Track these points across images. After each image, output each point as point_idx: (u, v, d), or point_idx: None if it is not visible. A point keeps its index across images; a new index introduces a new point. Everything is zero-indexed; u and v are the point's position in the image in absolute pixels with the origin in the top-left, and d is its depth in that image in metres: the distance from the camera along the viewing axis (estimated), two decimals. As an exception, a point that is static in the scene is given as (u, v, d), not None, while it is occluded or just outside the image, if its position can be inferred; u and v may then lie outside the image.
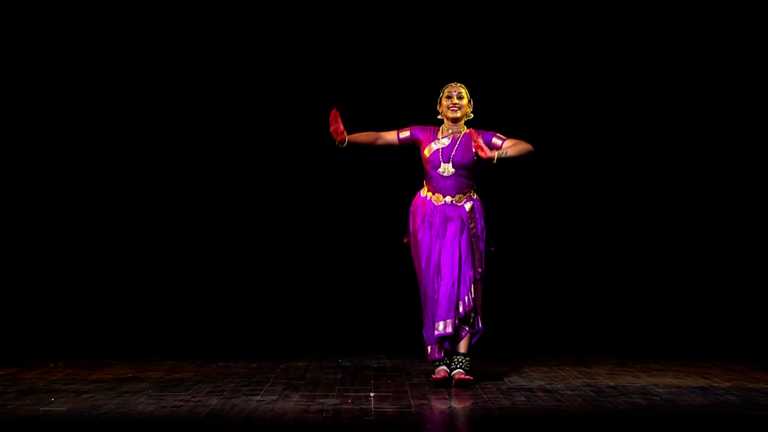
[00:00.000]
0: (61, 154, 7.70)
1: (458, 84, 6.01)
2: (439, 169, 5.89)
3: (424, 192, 5.98)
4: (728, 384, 5.88)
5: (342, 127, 5.88)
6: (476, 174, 5.95)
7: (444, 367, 5.85)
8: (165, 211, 7.75)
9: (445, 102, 5.98)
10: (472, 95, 5.95)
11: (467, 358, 5.86)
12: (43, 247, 7.69)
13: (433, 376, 5.85)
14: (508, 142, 5.90)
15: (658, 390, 5.66)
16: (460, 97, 5.96)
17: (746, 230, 7.79)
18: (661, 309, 7.78)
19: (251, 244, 7.77)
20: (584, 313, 7.77)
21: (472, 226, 5.88)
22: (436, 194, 5.91)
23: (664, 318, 7.77)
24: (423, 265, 5.89)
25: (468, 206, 5.91)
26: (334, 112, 5.87)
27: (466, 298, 5.81)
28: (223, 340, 7.66)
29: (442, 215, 5.88)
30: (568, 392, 5.59)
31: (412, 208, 6.01)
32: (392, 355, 7.24)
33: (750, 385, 5.83)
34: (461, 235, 5.85)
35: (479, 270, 5.88)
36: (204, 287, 7.74)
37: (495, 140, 5.92)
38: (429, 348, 5.87)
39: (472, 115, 6.02)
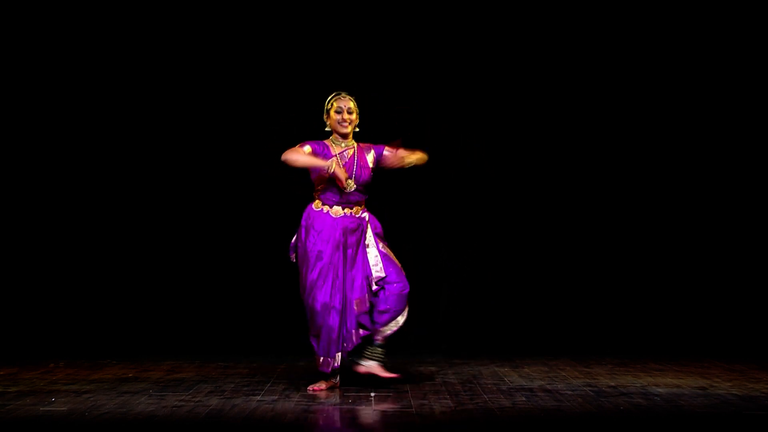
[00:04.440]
0: (61, 155, 7.71)
1: (347, 97, 5.85)
2: (344, 186, 5.75)
3: (318, 206, 5.83)
4: (728, 384, 5.89)
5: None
6: (370, 187, 5.88)
7: (335, 380, 5.79)
8: (165, 211, 7.76)
9: (334, 116, 5.82)
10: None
11: (381, 348, 5.80)
12: (43, 247, 7.70)
13: (315, 387, 5.72)
14: (403, 151, 5.80)
15: (659, 390, 5.67)
16: (350, 112, 5.81)
17: (746, 230, 7.79)
18: (661, 309, 7.78)
19: (251, 244, 7.77)
20: (584, 313, 7.77)
21: (369, 234, 5.81)
22: (334, 207, 5.80)
23: (664, 318, 7.77)
24: (314, 276, 5.71)
25: (365, 218, 5.84)
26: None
27: (365, 296, 5.74)
28: (223, 340, 7.66)
29: (342, 227, 5.75)
30: (569, 392, 5.60)
31: (304, 222, 5.83)
32: (392, 355, 7.22)
33: (750, 385, 5.84)
34: (360, 244, 5.77)
35: (382, 273, 5.76)
36: (204, 287, 7.75)
37: (386, 153, 5.84)
38: (323, 359, 5.72)
39: (358, 129, 5.89)
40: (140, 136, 7.76)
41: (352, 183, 5.79)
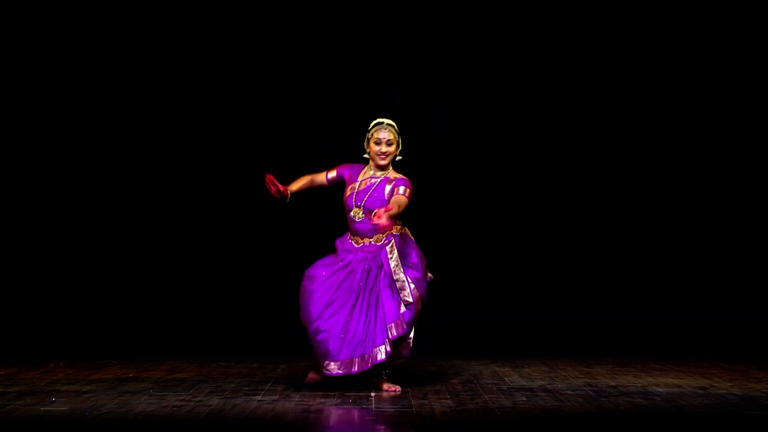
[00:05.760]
0: (61, 156, 7.71)
1: (388, 127, 5.76)
2: (351, 213, 5.77)
3: (349, 234, 5.85)
4: (729, 384, 5.89)
5: (281, 187, 5.79)
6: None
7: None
8: (165, 211, 7.76)
9: (373, 147, 5.77)
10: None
11: (383, 370, 5.77)
12: (43, 247, 7.70)
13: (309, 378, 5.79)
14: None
15: (659, 390, 5.67)
16: (389, 144, 5.75)
17: (745, 231, 7.79)
18: (661, 309, 7.78)
19: (251, 244, 7.77)
20: (584, 313, 7.76)
21: (393, 261, 5.68)
22: (355, 237, 5.80)
23: (664, 318, 7.76)
24: (313, 287, 5.72)
25: (388, 245, 5.72)
26: (268, 178, 5.76)
27: (396, 329, 5.64)
28: (223, 340, 7.66)
29: (361, 255, 5.71)
30: (569, 392, 5.60)
31: (336, 245, 5.87)
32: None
33: (750, 385, 5.84)
34: (379, 273, 5.68)
35: (413, 299, 5.67)
36: (204, 287, 7.74)
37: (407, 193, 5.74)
38: (318, 365, 5.72)
39: (400, 157, 5.82)
40: (141, 136, 7.75)
41: (360, 211, 5.77)
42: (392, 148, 5.78)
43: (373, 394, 5.58)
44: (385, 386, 5.73)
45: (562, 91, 7.84)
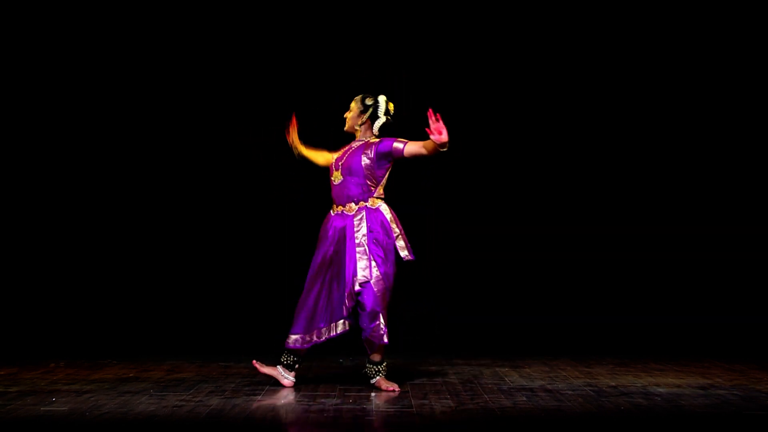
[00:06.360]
0: (61, 156, 7.72)
1: (354, 98, 5.93)
2: (332, 177, 5.86)
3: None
4: (729, 384, 5.89)
5: (295, 137, 6.00)
6: (369, 181, 5.79)
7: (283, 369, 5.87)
8: (165, 211, 7.77)
9: None
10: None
11: (377, 366, 5.78)
12: (43, 247, 7.70)
13: (263, 368, 5.90)
14: (413, 145, 5.75)
15: (659, 390, 5.67)
16: (349, 111, 5.92)
17: (746, 230, 7.79)
18: (661, 309, 7.78)
19: (252, 244, 7.78)
20: (585, 313, 7.77)
21: (360, 235, 5.71)
22: (333, 205, 5.87)
23: (665, 318, 7.77)
24: (310, 270, 5.85)
25: (357, 217, 5.76)
26: (292, 119, 5.97)
27: (347, 301, 5.68)
28: (223, 340, 7.66)
29: (333, 225, 5.80)
30: (569, 392, 5.60)
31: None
32: (393, 355, 7.23)
33: (751, 385, 5.84)
34: (345, 243, 5.72)
35: (371, 277, 5.65)
36: (204, 287, 7.75)
37: (396, 144, 5.78)
38: (294, 337, 5.85)
39: (367, 121, 5.86)
40: (141, 137, 7.76)
41: (339, 173, 5.82)
42: (349, 114, 5.93)
43: (373, 394, 5.58)
44: (384, 385, 5.73)
45: (563, 92, 7.86)
